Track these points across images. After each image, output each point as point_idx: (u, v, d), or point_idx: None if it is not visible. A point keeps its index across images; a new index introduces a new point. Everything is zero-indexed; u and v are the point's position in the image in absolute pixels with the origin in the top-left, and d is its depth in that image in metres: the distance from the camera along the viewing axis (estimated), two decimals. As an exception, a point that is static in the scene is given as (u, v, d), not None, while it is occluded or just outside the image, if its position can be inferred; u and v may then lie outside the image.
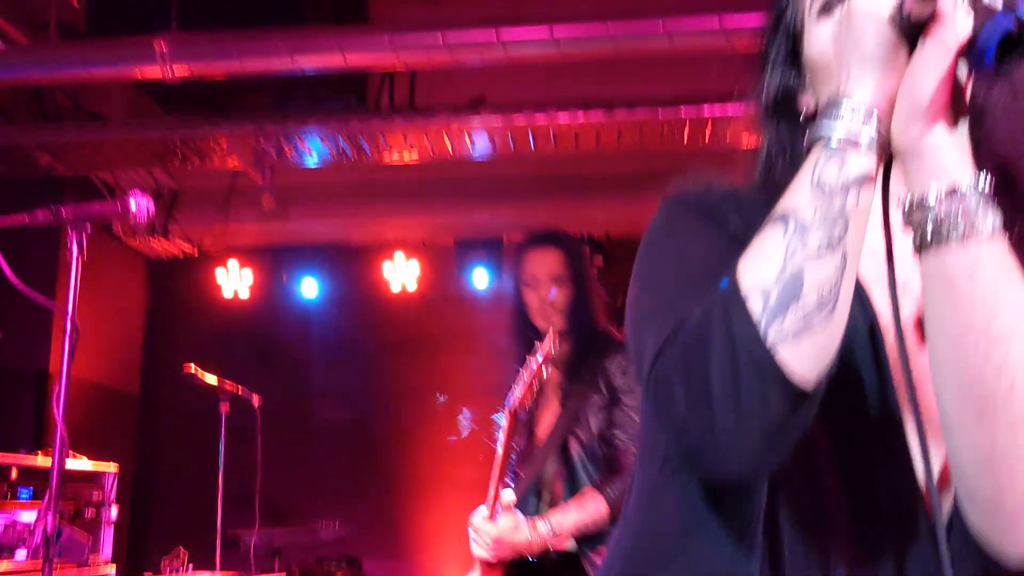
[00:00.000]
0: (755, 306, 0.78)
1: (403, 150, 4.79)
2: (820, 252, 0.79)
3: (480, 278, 6.11)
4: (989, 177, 0.81)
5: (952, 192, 0.80)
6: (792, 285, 0.78)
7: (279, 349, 6.29)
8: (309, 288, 6.25)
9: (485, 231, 6.14)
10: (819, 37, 0.97)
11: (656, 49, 3.98)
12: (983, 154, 0.84)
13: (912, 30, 0.81)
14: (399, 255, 6.17)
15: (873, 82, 0.82)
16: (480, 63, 4.09)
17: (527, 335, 2.77)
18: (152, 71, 3.96)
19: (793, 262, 0.79)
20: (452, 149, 4.84)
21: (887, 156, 0.84)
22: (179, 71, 3.95)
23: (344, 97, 4.87)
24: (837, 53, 0.85)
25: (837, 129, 0.81)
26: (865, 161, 0.81)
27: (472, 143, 4.76)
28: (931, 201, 0.80)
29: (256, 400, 4.51)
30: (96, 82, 4.58)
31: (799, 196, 0.81)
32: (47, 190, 5.15)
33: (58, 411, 2.25)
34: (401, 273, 6.20)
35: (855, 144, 0.81)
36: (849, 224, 0.80)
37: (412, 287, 6.20)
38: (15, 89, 4.71)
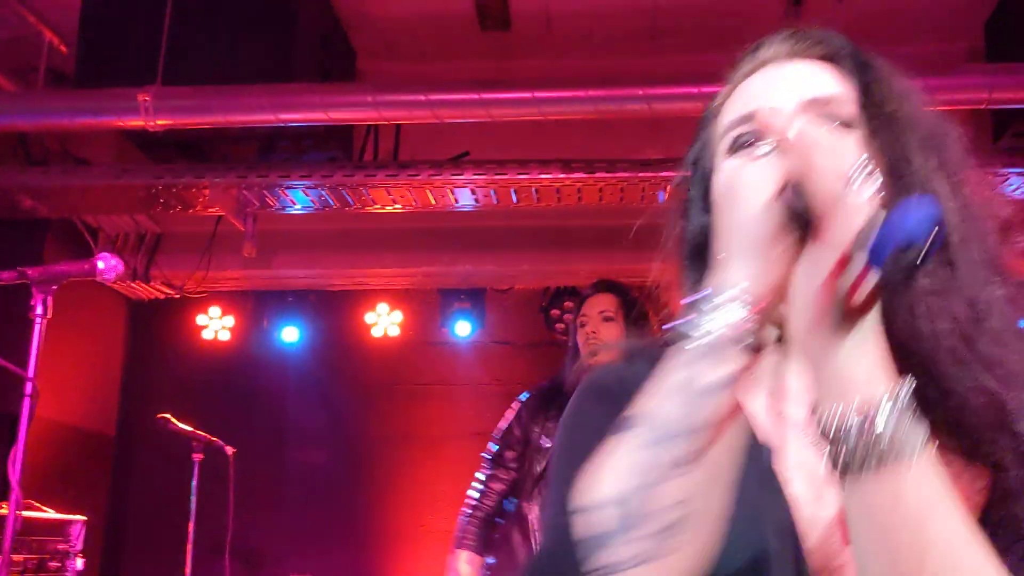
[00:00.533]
0: (602, 526, 0.70)
1: (386, 203, 4.82)
2: (677, 465, 0.69)
3: (462, 328, 6.12)
4: (910, 382, 0.69)
5: (864, 413, 0.68)
6: (641, 503, 0.69)
7: (259, 394, 6.27)
8: (290, 334, 6.25)
9: (468, 281, 6.15)
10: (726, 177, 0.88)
11: (635, 112, 4.03)
12: (900, 354, 0.72)
13: (801, 219, 0.71)
14: (382, 304, 6.19)
15: (754, 272, 0.72)
16: (462, 120, 4.14)
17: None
18: (135, 122, 4.00)
19: (645, 477, 0.69)
20: (435, 202, 4.88)
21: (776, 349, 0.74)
22: (161, 123, 3.99)
23: (329, 149, 4.91)
24: (718, 230, 0.77)
25: (706, 325, 0.71)
26: (735, 362, 0.70)
27: (455, 198, 4.79)
28: (841, 427, 0.68)
29: (230, 451, 4.49)
30: (80, 130, 4.62)
31: (659, 399, 0.72)
32: (30, 232, 5.17)
33: (14, 473, 2.24)
34: (383, 320, 6.21)
35: (726, 342, 0.71)
36: (712, 432, 0.69)
37: (394, 333, 6.20)
38: (1, 133, 4.75)
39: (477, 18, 4.75)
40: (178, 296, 5.89)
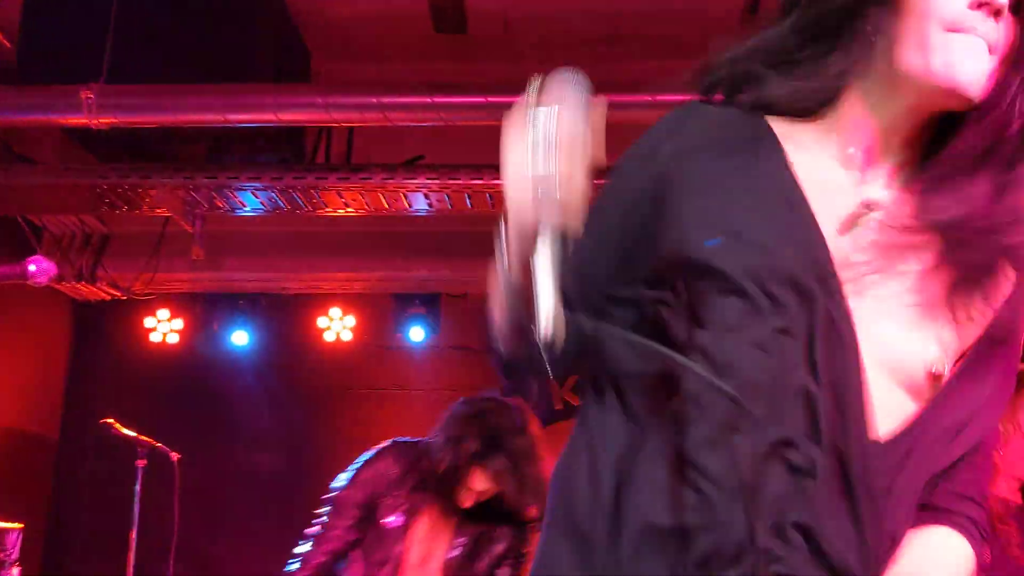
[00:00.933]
0: None
1: (338, 207, 4.75)
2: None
3: (416, 333, 6.06)
4: None
5: None
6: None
7: (208, 398, 6.16)
8: (240, 337, 6.14)
9: (423, 286, 6.09)
10: None
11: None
12: None
13: None
14: (335, 308, 6.11)
15: None
16: (415, 124, 4.09)
17: None
18: (78, 120, 3.89)
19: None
20: (388, 206, 4.81)
21: None
22: (105, 121, 3.88)
23: (280, 150, 4.83)
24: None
25: None
26: None
27: (409, 202, 4.73)
28: None
29: (175, 456, 4.38)
30: (22, 127, 4.49)
31: None
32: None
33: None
34: (336, 325, 6.13)
35: None
36: None
37: (347, 338, 6.12)
38: (-60, 129, 4.61)
39: (432, 20, 4.69)
40: (125, 298, 5.76)
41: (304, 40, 4.99)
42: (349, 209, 4.78)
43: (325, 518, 2.90)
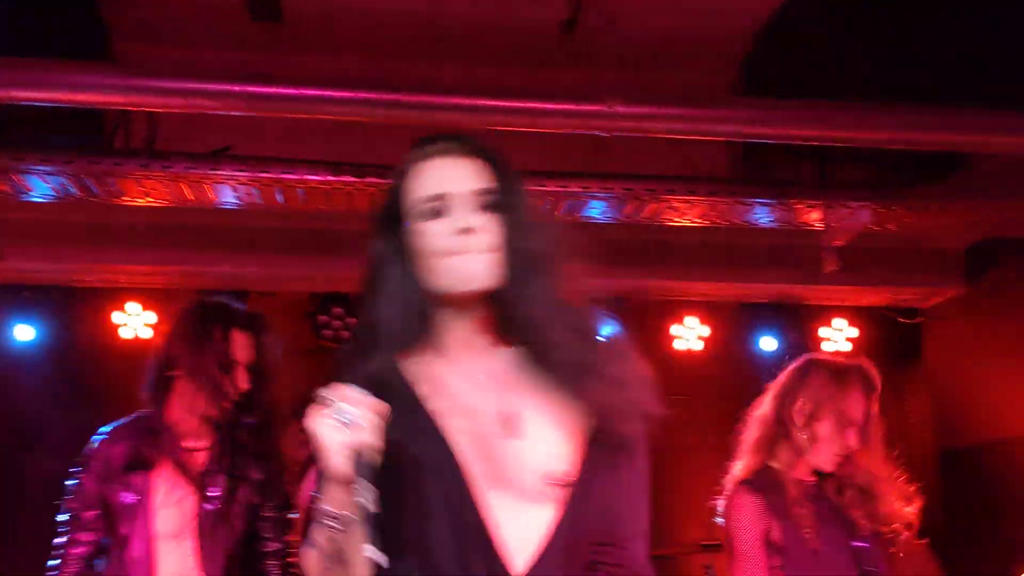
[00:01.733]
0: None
1: (137, 196, 4.47)
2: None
3: (221, 331, 5.81)
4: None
5: None
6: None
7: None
8: (24, 332, 5.70)
9: (230, 282, 5.85)
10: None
11: (411, 119, 3.94)
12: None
13: None
14: (133, 303, 5.77)
15: None
16: (222, 113, 3.90)
17: None
18: None
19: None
20: (192, 197, 4.58)
21: None
22: None
23: (76, 134, 4.51)
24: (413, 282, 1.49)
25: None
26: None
27: (215, 194, 4.52)
28: None
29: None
30: None
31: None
32: None
33: None
34: (134, 321, 5.79)
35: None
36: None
37: (146, 335, 5.79)
38: None
39: (247, 7, 4.49)
40: None
41: (105, 19, 4.68)
42: (149, 199, 4.52)
43: (66, 524, 2.78)
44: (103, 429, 2.92)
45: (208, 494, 2.70)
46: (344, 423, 1.28)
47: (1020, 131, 4.25)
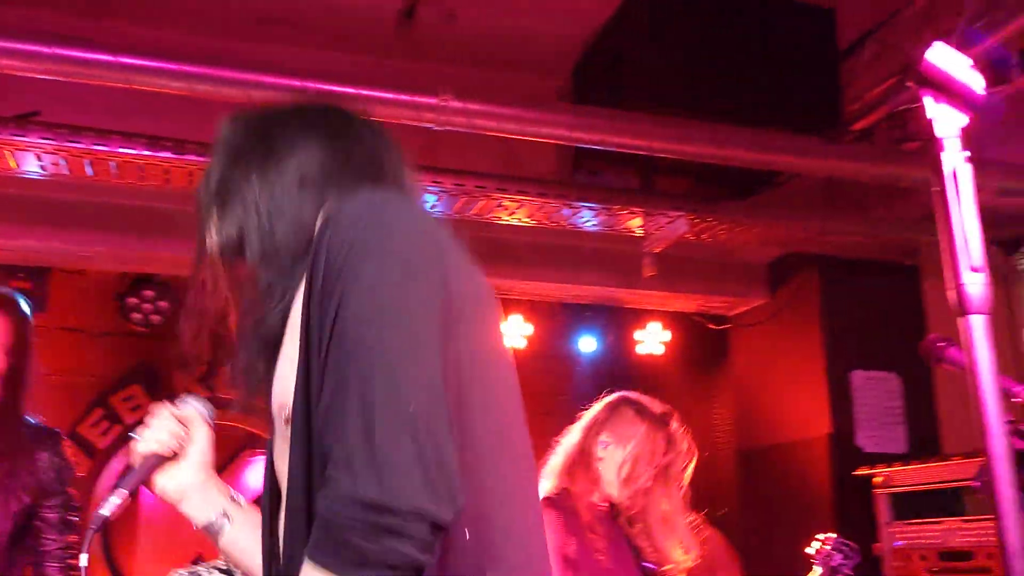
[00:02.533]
0: None
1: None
2: None
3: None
4: None
5: None
6: None
7: None
8: None
9: (30, 258, 5.46)
10: None
11: (232, 96, 3.79)
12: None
13: None
14: (-85, 274, 5.28)
15: None
16: (28, 75, 3.62)
17: None
18: None
19: None
20: (-9, 164, 4.23)
21: None
22: None
23: None
24: None
25: None
26: None
27: (16, 162, 4.20)
28: None
29: None
30: None
31: None
32: None
33: None
34: (-84, 295, 5.30)
35: None
36: None
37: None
38: None
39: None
40: None
41: None
42: (-62, 163, 4.14)
43: None
44: None
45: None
46: (151, 438, 1.43)
47: (819, 154, 4.55)
